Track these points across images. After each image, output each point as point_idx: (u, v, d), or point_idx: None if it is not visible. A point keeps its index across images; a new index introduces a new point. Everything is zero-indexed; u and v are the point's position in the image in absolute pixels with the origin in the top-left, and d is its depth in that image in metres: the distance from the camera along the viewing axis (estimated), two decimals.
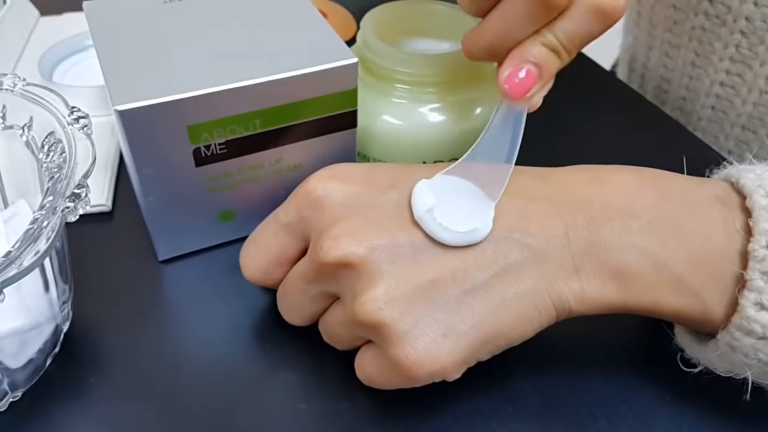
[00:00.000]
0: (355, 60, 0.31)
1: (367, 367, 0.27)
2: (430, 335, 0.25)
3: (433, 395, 0.29)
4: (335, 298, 0.28)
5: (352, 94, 0.33)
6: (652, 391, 0.30)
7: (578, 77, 0.52)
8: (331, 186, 0.27)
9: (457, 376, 0.26)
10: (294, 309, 0.30)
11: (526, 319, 0.26)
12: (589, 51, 0.55)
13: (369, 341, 0.27)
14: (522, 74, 0.28)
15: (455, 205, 0.26)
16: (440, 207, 0.26)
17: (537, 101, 0.30)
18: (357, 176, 0.28)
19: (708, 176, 0.29)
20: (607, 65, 0.61)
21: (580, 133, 0.46)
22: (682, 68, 0.52)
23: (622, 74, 0.63)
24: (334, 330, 0.28)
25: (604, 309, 0.27)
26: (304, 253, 0.29)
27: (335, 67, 0.31)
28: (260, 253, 0.30)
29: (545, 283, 0.26)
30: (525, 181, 0.28)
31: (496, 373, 0.30)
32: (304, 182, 0.28)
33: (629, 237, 0.26)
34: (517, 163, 0.28)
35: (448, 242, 0.25)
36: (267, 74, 0.30)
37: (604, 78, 0.53)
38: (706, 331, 0.27)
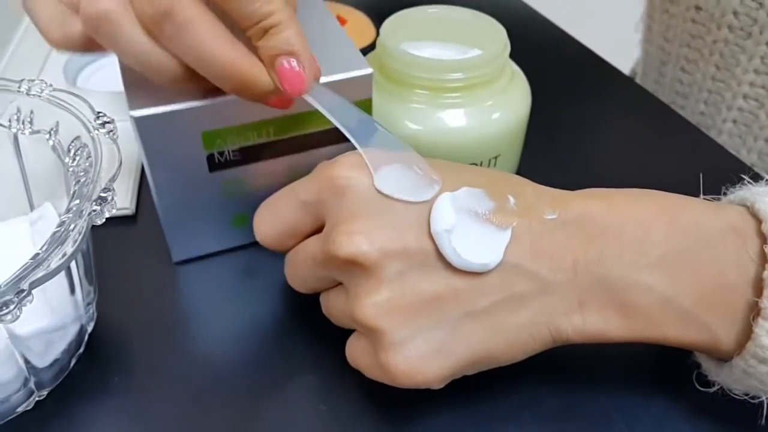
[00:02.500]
0: (370, 71, 0.32)
1: (358, 357, 0.28)
2: (423, 349, 0.25)
3: (452, 397, 0.29)
4: (340, 283, 0.28)
5: (366, 104, 0.33)
6: (670, 396, 0.30)
7: (598, 81, 0.53)
8: (354, 176, 0.27)
9: (441, 386, 0.27)
10: (299, 280, 0.30)
11: (520, 346, 0.26)
12: (608, 56, 0.55)
13: None
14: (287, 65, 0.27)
15: (472, 228, 0.26)
16: (458, 230, 0.25)
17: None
18: None
19: (725, 193, 0.28)
20: (625, 70, 0.61)
21: (600, 136, 0.46)
22: (701, 82, 0.51)
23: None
24: (333, 312, 0.29)
25: (605, 341, 0.27)
26: (317, 230, 0.29)
27: (350, 77, 0.31)
28: (275, 222, 0.30)
29: (546, 315, 0.26)
30: (544, 207, 0.27)
31: (514, 376, 0.30)
32: (330, 164, 0.28)
33: (637, 275, 0.26)
34: (540, 168, 0.28)
35: (457, 267, 0.25)
36: None
37: (624, 82, 0.53)
38: (716, 357, 0.27)
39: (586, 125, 0.47)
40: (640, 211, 0.27)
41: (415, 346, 0.25)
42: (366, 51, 0.35)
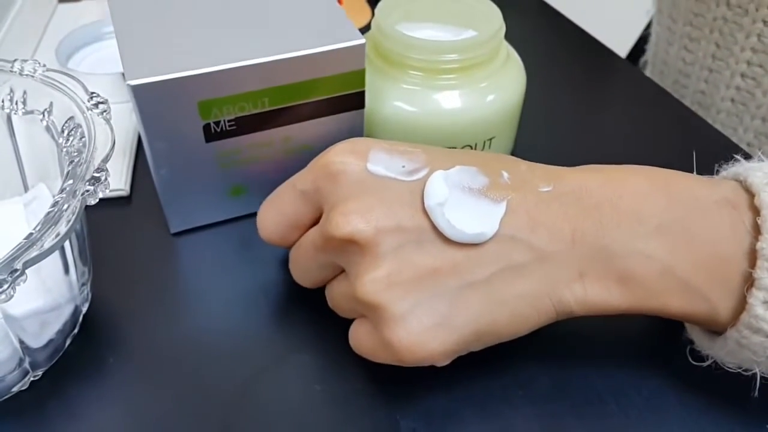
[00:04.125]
0: (362, 41, 0.32)
1: (361, 339, 0.28)
2: (425, 323, 0.25)
3: (446, 378, 0.29)
4: (342, 269, 0.29)
5: (360, 75, 0.33)
6: (662, 377, 0.30)
7: (593, 64, 0.52)
8: (348, 161, 0.27)
9: (446, 363, 0.27)
10: (303, 272, 0.31)
11: (523, 319, 0.27)
12: (603, 38, 0.55)
13: None
14: None
15: (466, 202, 0.26)
16: (451, 203, 0.26)
17: None
18: None
19: (718, 171, 0.29)
20: (621, 52, 0.61)
21: (594, 118, 0.46)
22: (702, 61, 0.52)
23: (648, 73, 0.63)
24: (337, 300, 0.29)
25: (607, 312, 0.27)
26: (317, 220, 0.29)
27: (343, 47, 0.32)
28: (277, 217, 0.30)
29: (547, 286, 0.26)
30: (538, 180, 0.27)
31: (507, 356, 0.30)
32: (324, 153, 0.28)
33: (635, 243, 0.26)
34: (535, 150, 0.28)
35: (452, 239, 0.26)
36: (275, 53, 0.31)
37: (619, 65, 0.53)
38: (713, 329, 0.27)
39: (580, 107, 0.47)
40: (636, 183, 0.27)
41: (417, 320, 0.25)
42: (361, 32, 0.35)
